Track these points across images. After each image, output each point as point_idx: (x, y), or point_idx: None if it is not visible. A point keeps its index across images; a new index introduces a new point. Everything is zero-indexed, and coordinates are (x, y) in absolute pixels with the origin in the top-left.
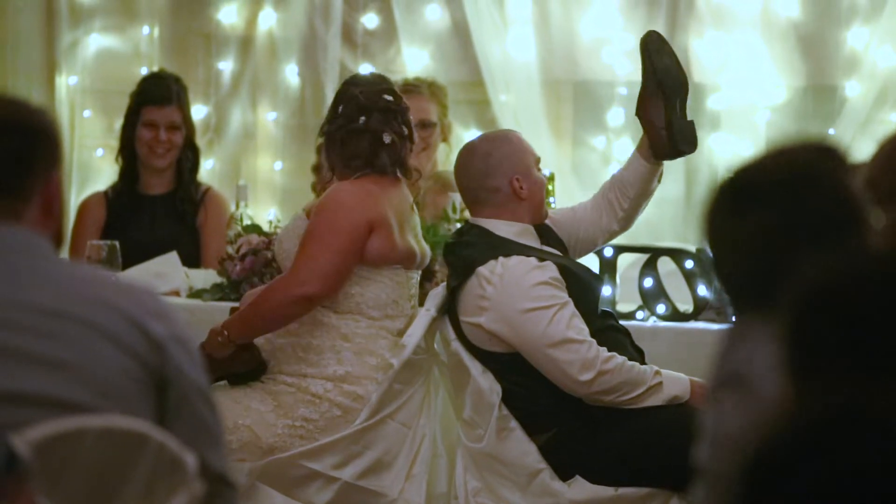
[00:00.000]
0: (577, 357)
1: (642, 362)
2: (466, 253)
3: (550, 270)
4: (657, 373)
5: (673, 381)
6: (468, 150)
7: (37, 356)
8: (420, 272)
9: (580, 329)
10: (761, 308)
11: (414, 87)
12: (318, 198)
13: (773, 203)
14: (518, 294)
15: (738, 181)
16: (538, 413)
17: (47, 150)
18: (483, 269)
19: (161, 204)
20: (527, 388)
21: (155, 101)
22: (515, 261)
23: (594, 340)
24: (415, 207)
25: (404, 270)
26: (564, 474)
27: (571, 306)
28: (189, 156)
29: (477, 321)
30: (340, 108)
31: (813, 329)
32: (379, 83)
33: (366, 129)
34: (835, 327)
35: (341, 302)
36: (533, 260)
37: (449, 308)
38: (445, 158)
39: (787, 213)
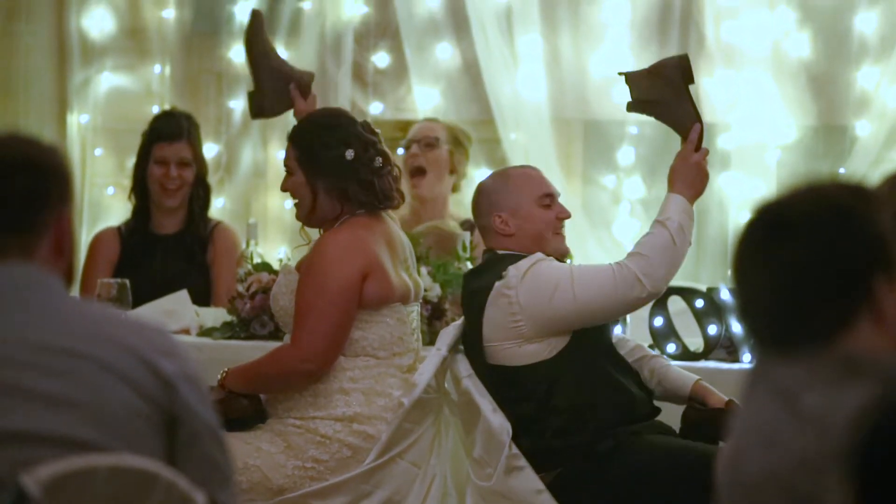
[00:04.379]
0: (619, 289)
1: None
2: (481, 279)
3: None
4: (665, 220)
5: (673, 208)
6: (476, 187)
7: (46, 395)
8: (419, 304)
9: (597, 270)
10: (788, 340)
11: (429, 118)
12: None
13: (805, 239)
14: (537, 288)
15: (770, 216)
16: (545, 451)
17: (59, 188)
18: (500, 285)
19: (172, 243)
20: (538, 421)
21: (165, 137)
22: (525, 263)
23: (613, 264)
24: (402, 236)
25: (403, 306)
26: None
27: (577, 266)
28: (200, 193)
29: (515, 338)
30: (322, 147)
31: None
32: (345, 117)
33: (351, 165)
34: None
35: (348, 347)
36: (532, 258)
37: (466, 341)
38: (453, 195)
39: (818, 250)
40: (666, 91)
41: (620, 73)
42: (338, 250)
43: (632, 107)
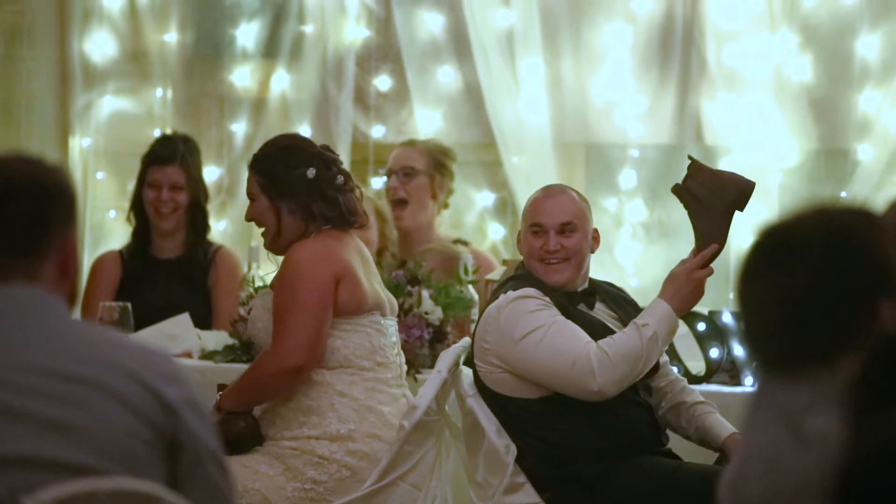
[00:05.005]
0: (574, 371)
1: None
2: (496, 294)
3: (533, 297)
4: (642, 326)
5: (656, 315)
6: None
7: (48, 420)
8: (395, 321)
9: (567, 344)
10: (792, 363)
11: (409, 142)
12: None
13: (810, 262)
14: (511, 324)
15: (775, 239)
16: (533, 477)
17: (64, 210)
18: (493, 306)
19: (174, 267)
20: (526, 450)
21: (158, 161)
22: (513, 295)
23: (585, 345)
24: (370, 256)
25: (381, 317)
26: None
27: (558, 325)
28: (196, 217)
29: (485, 363)
30: (284, 167)
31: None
32: (303, 139)
33: (314, 183)
34: None
35: (329, 358)
36: (510, 293)
37: (470, 353)
38: (438, 216)
39: (822, 273)
40: (715, 198)
41: (690, 158)
42: (309, 256)
43: (679, 189)
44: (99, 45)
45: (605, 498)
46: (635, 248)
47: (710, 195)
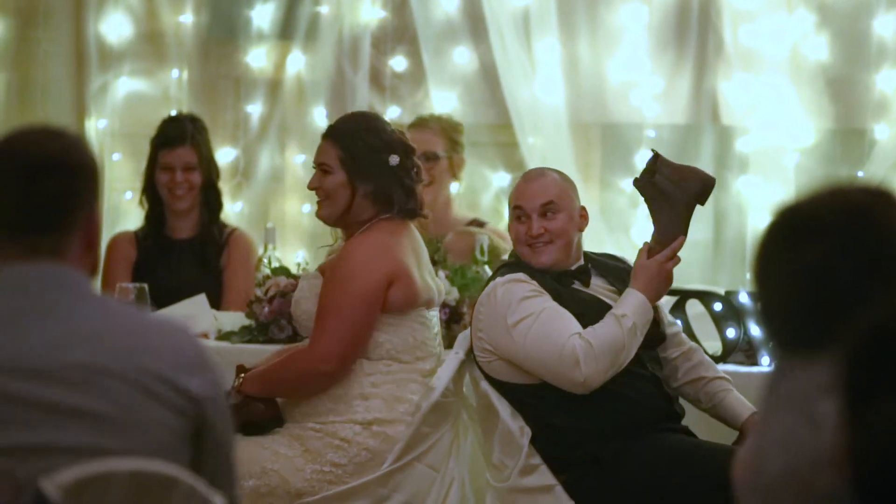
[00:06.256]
0: (561, 361)
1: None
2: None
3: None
4: (621, 316)
5: (632, 305)
6: None
7: (73, 408)
8: (438, 308)
9: (555, 332)
10: (808, 344)
11: (422, 120)
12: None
13: (830, 239)
14: (498, 311)
15: (792, 218)
16: (548, 460)
17: (90, 186)
18: (483, 294)
19: (187, 247)
20: (536, 434)
21: (168, 143)
22: (491, 286)
23: (571, 336)
24: (422, 242)
25: (426, 310)
26: None
27: (547, 313)
28: (210, 196)
29: (481, 351)
30: (368, 149)
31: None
32: (385, 122)
33: (395, 170)
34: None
35: (372, 350)
36: (499, 279)
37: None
38: (457, 195)
39: (842, 250)
40: (680, 192)
41: (653, 151)
42: (365, 255)
43: (643, 182)
44: (115, 27)
45: (622, 479)
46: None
47: (675, 189)
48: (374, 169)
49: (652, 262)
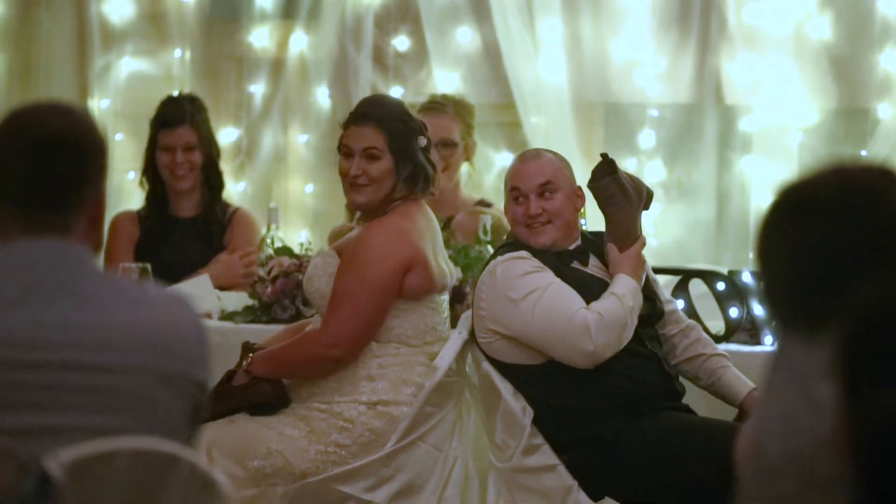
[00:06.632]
0: (569, 332)
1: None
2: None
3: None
4: (621, 296)
5: (628, 287)
6: None
7: (85, 391)
8: (447, 294)
9: (564, 304)
10: (811, 323)
11: (439, 105)
12: (348, 221)
13: (832, 217)
14: (502, 287)
15: (795, 197)
16: (550, 440)
17: (98, 164)
18: (484, 273)
19: (191, 226)
20: (538, 415)
21: (168, 124)
22: (501, 260)
23: (579, 308)
24: (438, 227)
25: (438, 295)
26: (595, 493)
27: (554, 287)
28: (212, 176)
29: (485, 332)
30: (409, 133)
31: (869, 346)
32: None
33: (424, 152)
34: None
35: (382, 334)
36: (500, 257)
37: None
38: (469, 179)
39: (845, 228)
40: (636, 194)
41: (604, 155)
42: (383, 241)
43: (608, 181)
44: (117, 6)
45: (624, 457)
46: (654, 208)
47: (634, 191)
48: (413, 152)
49: (631, 252)
